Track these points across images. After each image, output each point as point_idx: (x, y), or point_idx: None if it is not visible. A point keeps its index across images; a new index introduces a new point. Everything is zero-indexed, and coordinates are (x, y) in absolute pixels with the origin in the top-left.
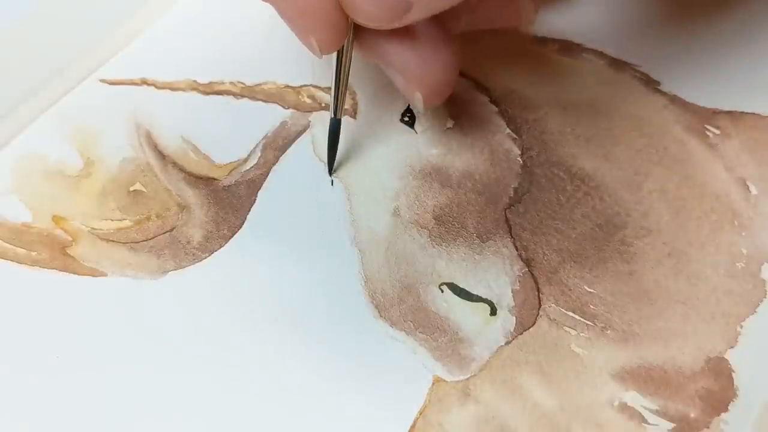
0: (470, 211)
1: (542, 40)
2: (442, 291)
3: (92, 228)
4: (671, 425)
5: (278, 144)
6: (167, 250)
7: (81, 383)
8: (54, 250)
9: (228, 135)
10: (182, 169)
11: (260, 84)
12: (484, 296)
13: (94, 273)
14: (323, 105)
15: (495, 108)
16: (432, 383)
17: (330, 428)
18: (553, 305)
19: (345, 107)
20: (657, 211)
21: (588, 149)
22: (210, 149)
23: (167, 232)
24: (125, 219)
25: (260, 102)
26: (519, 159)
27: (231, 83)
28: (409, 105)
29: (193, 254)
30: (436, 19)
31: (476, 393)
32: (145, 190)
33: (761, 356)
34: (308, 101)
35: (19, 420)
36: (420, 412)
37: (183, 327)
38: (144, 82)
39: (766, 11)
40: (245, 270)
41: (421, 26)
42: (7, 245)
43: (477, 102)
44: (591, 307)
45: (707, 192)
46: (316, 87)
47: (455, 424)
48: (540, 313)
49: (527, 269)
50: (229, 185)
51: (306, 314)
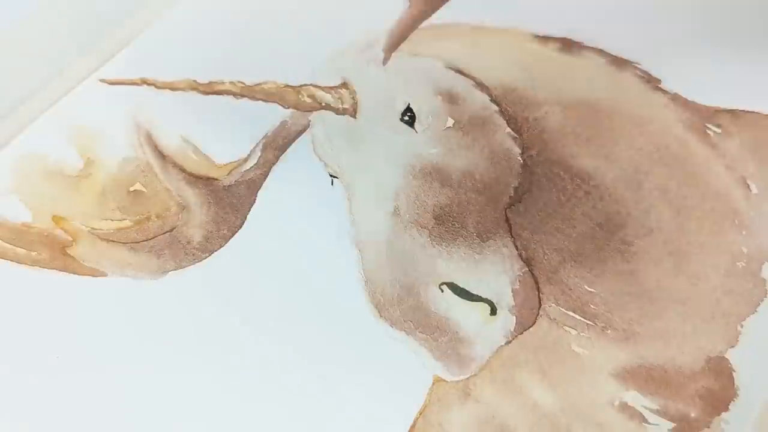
0: (470, 211)
1: (543, 39)
2: (442, 291)
3: (92, 228)
4: (672, 425)
5: (278, 144)
6: (167, 250)
7: (81, 383)
8: (54, 250)
9: (228, 135)
10: (182, 169)
11: (260, 84)
12: (484, 296)
13: (94, 273)
14: (323, 104)
15: (495, 107)
16: (432, 383)
17: (330, 428)
18: (554, 305)
19: (345, 107)
20: (657, 210)
21: (588, 148)
22: (210, 149)
23: (167, 232)
24: (125, 219)
25: (260, 102)
26: (519, 158)
27: (231, 83)
28: (409, 104)
29: (193, 254)
30: None
31: (476, 393)
32: (145, 190)
33: (762, 356)
34: (308, 101)
35: (19, 420)
36: (420, 412)
37: (183, 327)
38: (144, 82)
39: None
40: (245, 270)
41: None
42: (7, 245)
43: (477, 101)
44: (591, 307)
45: (708, 191)
46: (316, 87)
47: (455, 424)
48: (540, 313)
49: (527, 269)
50: (229, 185)
51: (306, 314)
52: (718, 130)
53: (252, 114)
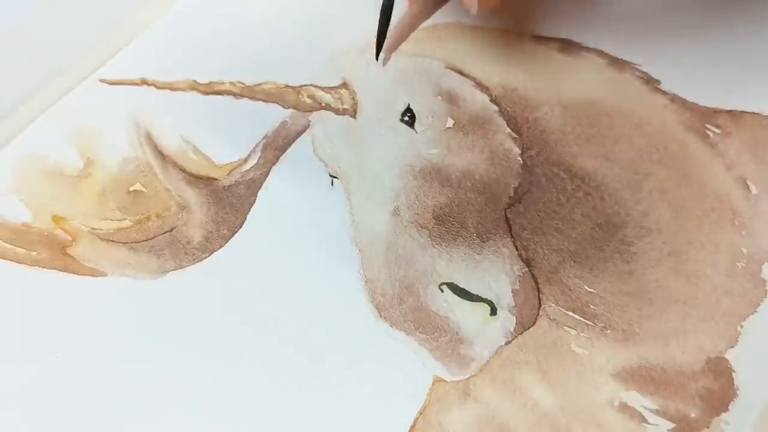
0: (470, 211)
1: (543, 39)
2: (442, 291)
3: (92, 228)
4: (671, 425)
5: (278, 144)
6: (167, 250)
7: (81, 383)
8: (54, 250)
9: (228, 135)
10: (182, 169)
11: (260, 84)
12: (484, 296)
13: (94, 273)
14: (323, 105)
15: (495, 107)
16: (432, 383)
17: (330, 428)
18: (553, 305)
19: (345, 107)
20: (657, 211)
21: (588, 148)
22: (210, 149)
23: (167, 232)
24: (125, 219)
25: (260, 102)
26: (519, 158)
27: (231, 83)
28: (409, 104)
29: (193, 254)
30: None
31: (476, 393)
32: (145, 190)
33: (762, 356)
34: (308, 101)
35: (19, 420)
36: (420, 412)
37: (183, 327)
38: (144, 82)
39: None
40: (245, 270)
41: None
42: (7, 245)
43: (477, 101)
44: (591, 307)
45: (707, 191)
46: (316, 87)
47: (455, 424)
48: (540, 313)
49: (527, 269)
50: (229, 185)
51: (306, 314)
52: (718, 131)
53: (252, 114)
